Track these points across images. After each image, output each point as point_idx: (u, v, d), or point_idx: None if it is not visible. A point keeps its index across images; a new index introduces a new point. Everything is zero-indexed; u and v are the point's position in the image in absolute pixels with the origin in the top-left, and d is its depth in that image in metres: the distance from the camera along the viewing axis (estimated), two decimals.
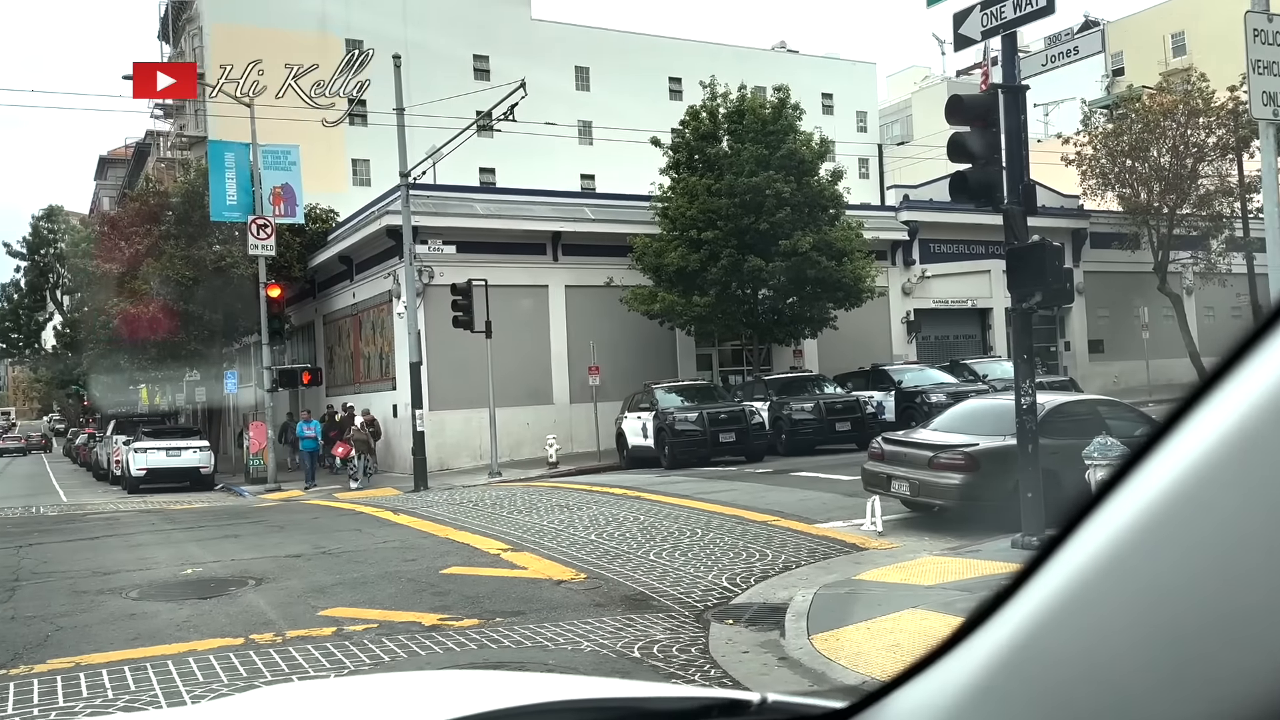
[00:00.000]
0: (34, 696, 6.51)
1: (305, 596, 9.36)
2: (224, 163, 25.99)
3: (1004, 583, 0.84)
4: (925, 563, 9.08)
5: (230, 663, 7.07)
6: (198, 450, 27.31)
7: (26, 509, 22.50)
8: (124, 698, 6.39)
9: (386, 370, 27.94)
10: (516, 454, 25.48)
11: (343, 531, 14.23)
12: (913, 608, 7.28)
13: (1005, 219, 9.71)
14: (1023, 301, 9.38)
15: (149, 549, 13.39)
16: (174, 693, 6.46)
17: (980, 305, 33.48)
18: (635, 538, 11.74)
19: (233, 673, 6.82)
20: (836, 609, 7.51)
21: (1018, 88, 10.03)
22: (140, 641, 7.87)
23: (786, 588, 8.59)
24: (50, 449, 78.03)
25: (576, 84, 49.99)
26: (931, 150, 36.13)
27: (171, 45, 48.58)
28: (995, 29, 10.06)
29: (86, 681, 6.77)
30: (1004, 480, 9.98)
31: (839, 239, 24.41)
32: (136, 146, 61.20)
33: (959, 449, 10.66)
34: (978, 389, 21.17)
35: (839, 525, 11.66)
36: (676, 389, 23.24)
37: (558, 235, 27.35)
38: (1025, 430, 9.36)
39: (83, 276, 39.69)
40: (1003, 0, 9.87)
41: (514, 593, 9.08)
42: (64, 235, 48.22)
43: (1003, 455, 10.13)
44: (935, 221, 31.66)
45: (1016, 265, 9.40)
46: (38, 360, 61.06)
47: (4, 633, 8.43)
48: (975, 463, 10.41)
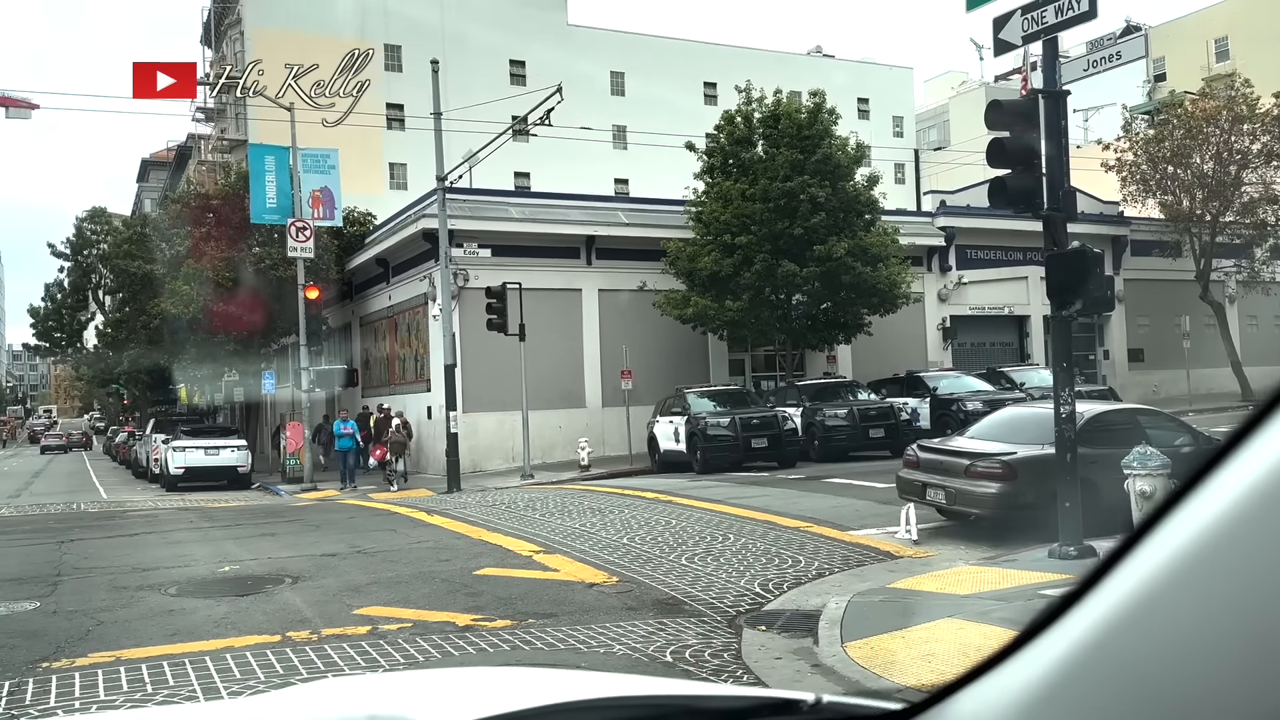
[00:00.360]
0: (75, 690, 6.61)
1: (341, 595, 9.43)
2: (264, 166, 26.32)
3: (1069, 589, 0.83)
4: (961, 572, 8.99)
5: (267, 660, 7.14)
6: (235, 449, 27.63)
7: (68, 505, 22.89)
8: (162, 692, 6.48)
9: (421, 372, 28.14)
10: (548, 457, 25.55)
11: (377, 531, 14.34)
12: (948, 617, 7.20)
13: (1045, 225, 9.60)
14: (1063, 309, 9.26)
15: (187, 546, 13.57)
16: (212, 689, 6.53)
17: (1017, 312, 33.16)
18: (667, 542, 11.72)
19: (269, 670, 6.89)
20: (870, 617, 7.45)
21: (1058, 93, 9.92)
22: (179, 637, 7.97)
23: (820, 594, 8.53)
24: (90, 446, 79.38)
25: (612, 88, 50.12)
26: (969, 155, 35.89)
27: (213, 49, 49.29)
28: (1036, 34, 9.95)
29: (126, 676, 6.86)
30: (1042, 490, 9.85)
31: (874, 244, 24.26)
32: (178, 149, 62.24)
33: (996, 457, 10.54)
34: (1015, 397, 20.98)
35: (873, 533, 11.58)
36: (709, 394, 23.20)
37: (591, 239, 27.41)
38: (1064, 439, 9.24)
39: (124, 277, 40.30)
40: (1044, 5, 9.77)
41: (546, 595, 9.10)
42: (106, 236, 48.95)
43: (1041, 464, 10.02)
44: (972, 227, 31.41)
45: (1056, 272, 9.28)
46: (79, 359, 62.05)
47: (47, 626, 8.58)
48: (1013, 471, 10.29)
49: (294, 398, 29.83)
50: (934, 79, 71.69)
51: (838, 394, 23.48)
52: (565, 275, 27.01)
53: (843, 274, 23.63)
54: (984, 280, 32.43)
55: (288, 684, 6.32)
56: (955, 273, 32.07)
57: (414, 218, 26.80)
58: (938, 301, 31.87)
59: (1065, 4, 9.61)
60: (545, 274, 26.19)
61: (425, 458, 26.77)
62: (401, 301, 29.41)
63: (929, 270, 31.81)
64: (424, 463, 26.70)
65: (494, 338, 22.79)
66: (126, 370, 45.01)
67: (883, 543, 10.93)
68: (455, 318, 23.37)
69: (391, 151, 44.55)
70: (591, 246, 27.53)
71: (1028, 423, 11.43)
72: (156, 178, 74.47)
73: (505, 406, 24.53)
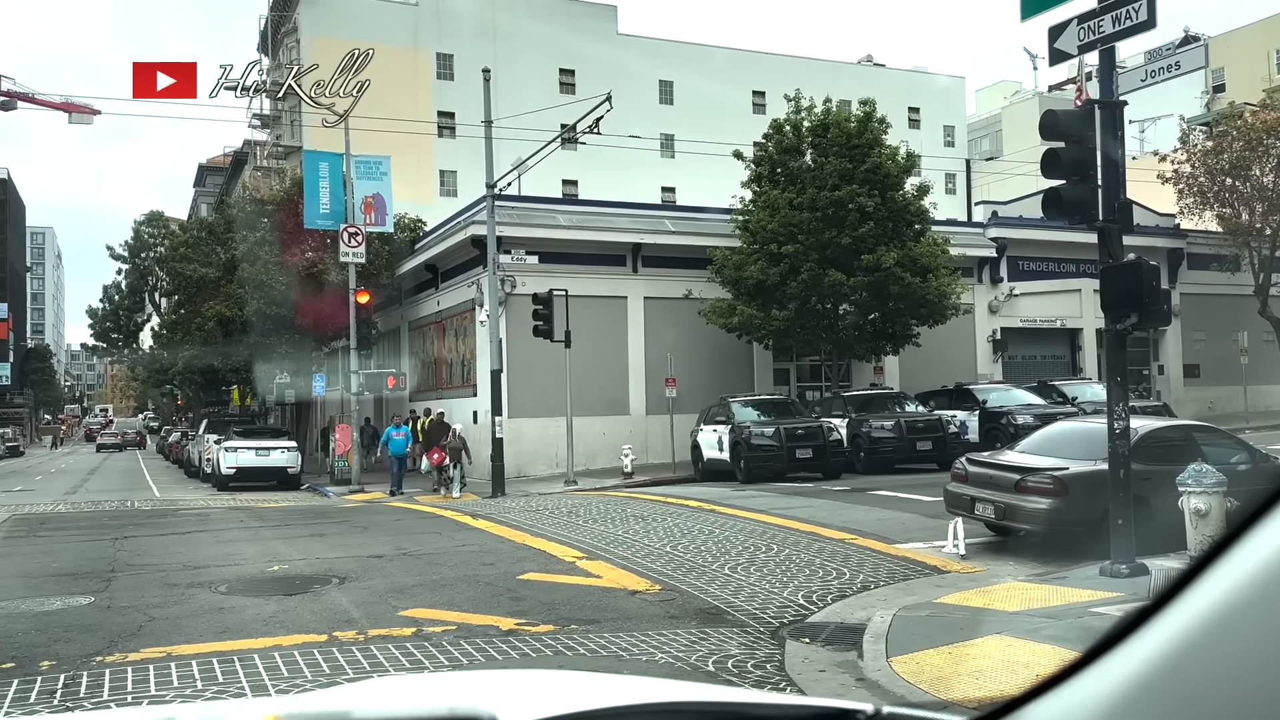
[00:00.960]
0: (128, 684, 6.73)
1: (386, 596, 9.52)
2: (318, 172, 26.74)
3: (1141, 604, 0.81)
4: (1009, 588, 8.86)
5: (314, 659, 7.23)
6: (285, 450, 27.99)
7: (122, 503, 23.39)
8: (212, 688, 6.58)
9: (468, 377, 28.36)
10: (592, 463, 25.60)
11: (423, 534, 14.46)
12: (997, 634, 7.09)
13: (1100, 237, 9.45)
14: (1117, 322, 9.09)
15: (237, 545, 13.79)
16: (260, 686, 6.62)
17: (1070, 325, 32.65)
18: (710, 551, 11.68)
19: (316, 669, 6.97)
20: (916, 632, 7.36)
21: (1115, 103, 9.77)
22: (228, 635, 8.10)
23: (864, 608, 8.45)
24: (144, 445, 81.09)
25: (660, 97, 50.24)
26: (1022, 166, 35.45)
27: (270, 58, 50.21)
28: (1093, 43, 9.80)
29: (177, 671, 6.98)
30: (1094, 506, 9.70)
31: (924, 254, 24.04)
32: (234, 155, 63.46)
33: (1048, 472, 10.39)
34: (1067, 411, 20.65)
35: (919, 546, 11.45)
36: (753, 403, 23.11)
37: (638, 247, 27.46)
38: (1118, 455, 9.08)
39: (180, 279, 41.13)
40: (1102, 14, 9.62)
41: (589, 601, 9.11)
42: (163, 240, 49.98)
43: (1093, 480, 9.86)
44: (1025, 238, 31.04)
45: (1111, 285, 9.12)
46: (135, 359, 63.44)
47: (101, 621, 8.76)
48: (1065, 487, 10.14)
49: (343, 400, 30.22)
50: (986, 88, 70.93)
51: (884, 405, 23.32)
52: (611, 283, 27.09)
53: (891, 284, 23.44)
54: (1036, 292, 31.99)
55: (333, 683, 6.38)
56: (1006, 284, 31.68)
57: (463, 224, 27.04)
58: (988, 313, 31.50)
59: (1123, 13, 9.46)
60: (591, 281, 26.28)
61: (470, 462, 26.94)
62: (450, 307, 29.67)
63: (979, 281, 31.44)
64: (468, 467, 26.88)
65: (540, 344, 22.91)
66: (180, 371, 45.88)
67: (929, 557, 10.80)
68: (502, 323, 23.53)
69: (442, 159, 45.06)
70: (638, 254, 27.58)
71: (1080, 438, 11.24)
72: (213, 183, 75.99)
73: (550, 412, 24.61)
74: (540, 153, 22.80)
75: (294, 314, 30.66)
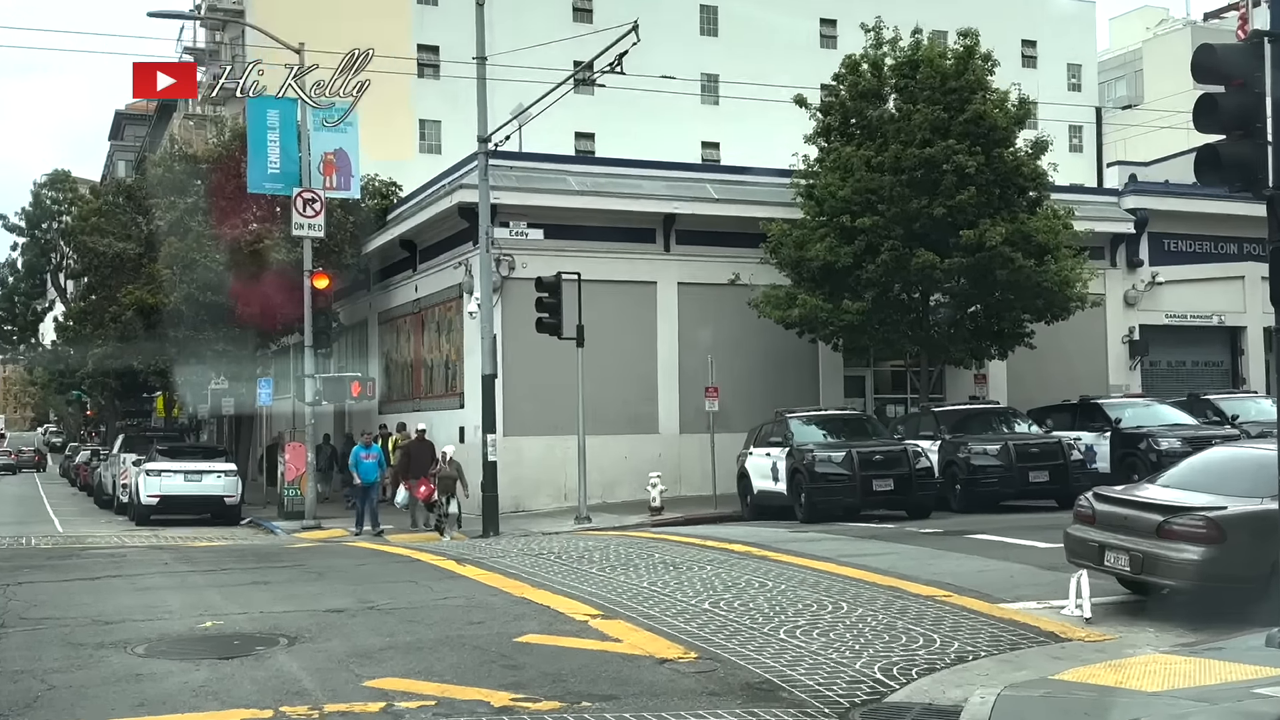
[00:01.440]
0: None
1: (348, 662, 9.59)
2: (265, 122, 26.81)
3: None
4: (1149, 661, 8.84)
5: None
6: (222, 475, 28.19)
7: (16, 540, 23.66)
8: None
9: (453, 384, 28.51)
10: (610, 495, 25.66)
11: (395, 583, 14.54)
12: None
13: (1269, 208, 9.39)
14: None
15: (160, 594, 13.90)
16: None
17: (1230, 322, 32.50)
18: (760, 609, 11.70)
19: None
20: (1028, 716, 7.35)
21: None
22: (147, 709, 8.17)
23: (960, 685, 8.45)
24: (44, 467, 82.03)
25: (701, 27, 50.29)
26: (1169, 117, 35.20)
27: None
28: None
29: None
30: (1260, 556, 9.65)
31: (1040, 230, 23.98)
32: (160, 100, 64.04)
33: (1200, 513, 10.35)
34: (1225, 434, 20.58)
35: (1031, 606, 11.42)
36: (818, 420, 23.14)
37: (671, 219, 27.52)
38: None
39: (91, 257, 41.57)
40: None
41: (605, 671, 9.14)
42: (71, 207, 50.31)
43: (1259, 523, 9.81)
44: (1172, 210, 31.05)
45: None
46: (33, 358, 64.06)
47: None
48: (1222, 532, 10.09)
49: (295, 412, 30.43)
50: (1122, 16, 70.59)
51: (988, 424, 23.39)
52: (637, 264, 27.16)
53: (998, 268, 23.39)
54: (1186, 280, 31.89)
55: None
56: (1148, 269, 31.57)
57: (449, 189, 27.21)
58: (1124, 306, 31.38)
59: None
60: (611, 262, 26.37)
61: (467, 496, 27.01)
62: (431, 294, 29.86)
63: (1113, 265, 31.35)
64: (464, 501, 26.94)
65: (545, 342, 22.99)
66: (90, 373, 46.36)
67: (1045, 620, 10.78)
68: (497, 315, 23.63)
69: (423, 106, 45.25)
70: (671, 228, 27.63)
71: (1242, 468, 11.17)
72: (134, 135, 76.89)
73: (556, 430, 24.70)
74: (548, 97, 22.86)
75: (233, 302, 30.91)
